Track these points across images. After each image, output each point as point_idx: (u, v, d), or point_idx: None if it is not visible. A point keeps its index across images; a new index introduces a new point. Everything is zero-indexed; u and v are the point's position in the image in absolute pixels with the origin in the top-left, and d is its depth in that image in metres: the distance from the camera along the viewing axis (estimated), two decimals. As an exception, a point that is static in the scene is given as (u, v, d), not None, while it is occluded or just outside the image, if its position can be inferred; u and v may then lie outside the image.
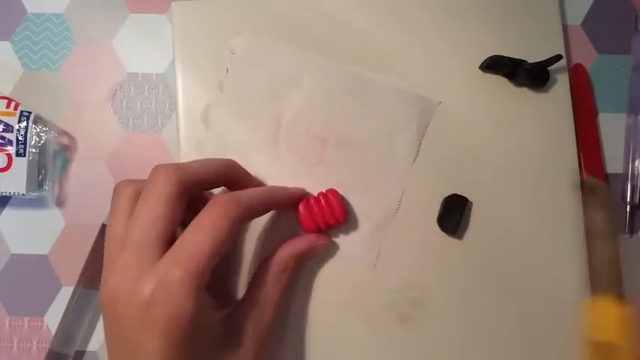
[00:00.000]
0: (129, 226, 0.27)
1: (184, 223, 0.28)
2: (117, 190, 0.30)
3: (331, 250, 0.35)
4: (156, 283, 0.25)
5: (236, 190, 0.33)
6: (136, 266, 0.26)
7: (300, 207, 0.33)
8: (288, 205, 0.33)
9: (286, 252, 0.32)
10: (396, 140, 0.36)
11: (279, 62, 0.37)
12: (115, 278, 0.26)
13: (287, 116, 0.36)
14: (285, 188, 0.34)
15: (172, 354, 0.25)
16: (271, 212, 0.35)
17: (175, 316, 0.25)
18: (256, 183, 0.35)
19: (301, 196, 0.34)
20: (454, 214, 0.35)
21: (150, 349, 0.25)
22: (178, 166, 0.28)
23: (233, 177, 0.32)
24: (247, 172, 0.33)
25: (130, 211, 0.28)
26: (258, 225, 0.35)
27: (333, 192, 0.33)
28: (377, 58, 0.37)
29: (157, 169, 0.28)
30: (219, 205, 0.28)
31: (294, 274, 0.33)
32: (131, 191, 0.29)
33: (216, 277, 0.32)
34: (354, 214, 0.35)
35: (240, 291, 0.35)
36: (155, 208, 0.27)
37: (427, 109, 0.37)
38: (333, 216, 0.33)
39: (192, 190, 0.29)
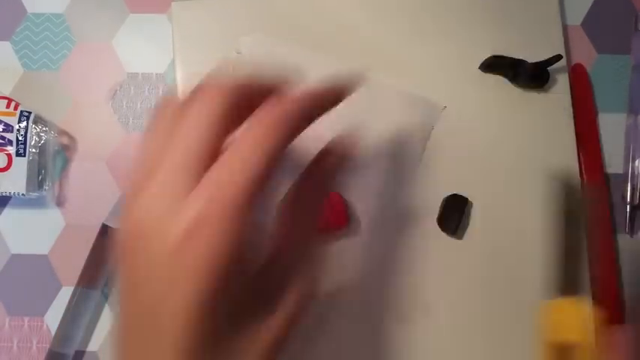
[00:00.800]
0: (168, 146, 0.22)
1: None
2: (158, 107, 0.24)
3: (333, 254, 0.35)
4: (193, 216, 0.20)
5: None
6: (170, 193, 0.21)
7: None
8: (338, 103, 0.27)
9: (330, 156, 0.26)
10: (401, 144, 0.36)
11: (285, 62, 0.37)
12: (139, 210, 0.21)
13: None
14: (334, 85, 0.27)
15: (204, 305, 0.20)
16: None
17: (216, 257, 0.20)
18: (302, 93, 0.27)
19: (356, 86, 0.27)
20: (454, 214, 0.35)
21: (177, 297, 0.20)
22: (230, 81, 0.23)
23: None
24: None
25: (169, 129, 0.22)
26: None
27: (336, 196, 0.33)
28: (377, 58, 0.37)
29: (205, 84, 0.24)
30: (264, 120, 0.22)
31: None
32: (174, 109, 0.23)
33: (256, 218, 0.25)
34: (357, 218, 0.35)
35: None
36: (201, 128, 0.22)
37: (432, 113, 0.36)
38: (335, 220, 0.33)
39: (248, 105, 0.23)
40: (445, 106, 0.37)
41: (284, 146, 0.22)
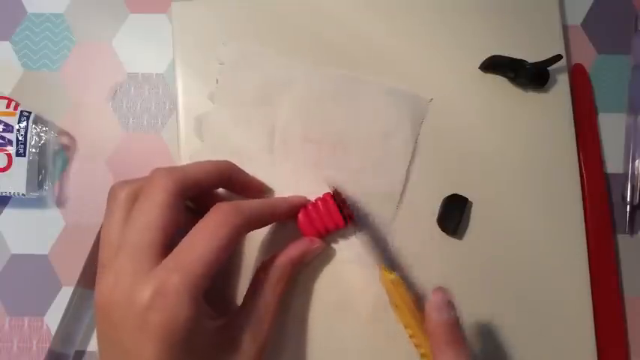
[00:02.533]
0: (125, 229, 0.27)
1: (188, 228, 0.28)
2: (112, 192, 0.29)
3: (331, 254, 0.35)
4: (154, 289, 0.25)
5: (235, 192, 0.32)
6: (132, 270, 0.26)
7: (300, 214, 0.33)
8: (289, 217, 0.33)
9: (282, 259, 0.32)
10: (391, 141, 0.36)
11: (268, 69, 0.37)
12: (109, 282, 0.26)
13: (280, 123, 0.36)
14: (284, 199, 0.33)
15: (167, 359, 0.25)
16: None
17: (172, 322, 0.25)
18: (256, 183, 0.35)
19: (301, 205, 0.33)
20: (454, 214, 0.35)
21: (145, 354, 0.25)
22: (175, 169, 0.28)
23: (232, 178, 0.32)
24: (246, 173, 0.33)
25: (125, 214, 0.28)
26: (258, 234, 0.35)
27: (331, 196, 0.33)
28: (377, 58, 0.37)
29: (154, 172, 0.28)
30: (221, 212, 0.27)
31: (291, 280, 0.33)
32: (127, 193, 0.29)
33: (215, 286, 0.32)
34: (356, 218, 0.35)
35: (238, 300, 0.34)
36: (152, 212, 0.27)
37: (418, 107, 0.36)
38: (333, 220, 0.33)
39: (190, 193, 0.29)
40: (432, 99, 0.37)
41: (234, 241, 0.27)
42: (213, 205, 0.28)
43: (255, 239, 0.35)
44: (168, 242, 0.27)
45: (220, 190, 0.34)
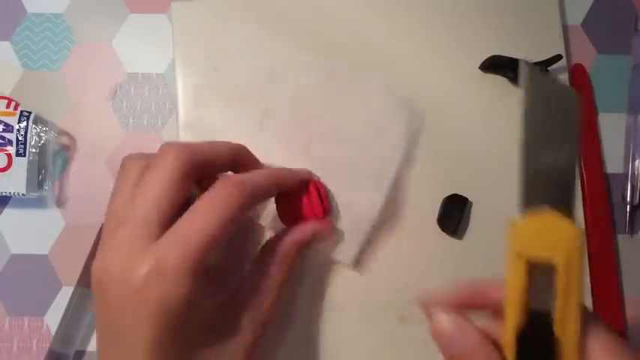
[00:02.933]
0: (131, 203, 0.26)
1: (189, 204, 0.27)
2: (124, 164, 0.28)
3: (313, 248, 0.34)
4: (151, 265, 0.24)
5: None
6: (133, 244, 0.25)
7: (276, 201, 0.32)
8: (294, 188, 0.32)
9: (289, 239, 0.31)
10: (381, 141, 0.35)
11: (272, 52, 0.37)
12: (108, 254, 0.25)
13: (275, 105, 0.36)
14: (290, 172, 0.32)
15: (163, 339, 0.24)
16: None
17: (168, 300, 0.24)
18: (264, 169, 0.33)
19: (307, 178, 0.33)
20: (454, 214, 0.35)
21: (140, 332, 0.24)
22: (188, 146, 0.27)
23: (242, 161, 0.31)
24: (256, 158, 0.32)
25: (134, 188, 0.27)
26: (264, 210, 0.34)
27: (315, 186, 0.32)
28: (377, 57, 0.37)
29: (167, 146, 0.27)
30: (225, 187, 0.26)
31: (295, 260, 0.32)
32: (138, 167, 0.28)
33: (218, 262, 0.31)
34: (336, 210, 0.34)
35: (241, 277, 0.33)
36: (160, 187, 0.26)
37: (416, 115, 0.36)
38: (312, 211, 0.32)
39: (201, 172, 0.28)
40: (425, 112, 0.36)
41: (238, 216, 0.26)
42: (218, 179, 0.27)
43: (263, 216, 0.34)
44: (171, 219, 0.26)
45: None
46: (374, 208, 0.34)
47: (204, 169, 0.28)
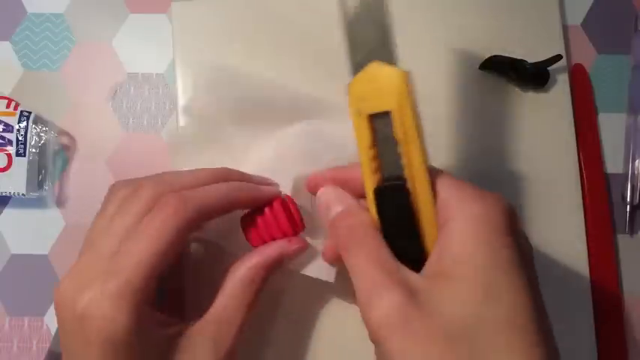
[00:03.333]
0: (107, 232, 0.26)
1: None
2: (112, 188, 0.28)
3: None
4: (91, 295, 0.24)
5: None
6: (88, 271, 0.25)
7: (241, 222, 0.30)
8: (253, 206, 0.29)
9: (254, 260, 0.28)
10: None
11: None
12: (65, 279, 0.25)
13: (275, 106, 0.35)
14: (254, 187, 0.29)
15: None
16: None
17: (108, 332, 0.23)
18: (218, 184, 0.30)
19: (274, 194, 0.30)
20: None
21: (87, 358, 0.24)
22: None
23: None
24: (243, 174, 0.30)
25: (115, 214, 0.27)
26: (228, 231, 0.31)
27: (281, 202, 0.29)
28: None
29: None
30: (165, 206, 0.25)
31: (264, 284, 0.29)
32: (125, 194, 0.27)
33: (171, 289, 0.29)
34: (309, 222, 0.31)
35: (203, 304, 0.29)
36: (152, 242, 0.25)
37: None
38: (280, 230, 0.29)
39: (198, 224, 0.26)
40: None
41: (181, 238, 0.25)
42: (160, 198, 0.26)
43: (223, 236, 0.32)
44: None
45: None
46: None
47: (204, 219, 0.27)
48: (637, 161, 0.37)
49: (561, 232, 0.35)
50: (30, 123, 0.37)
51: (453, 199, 0.24)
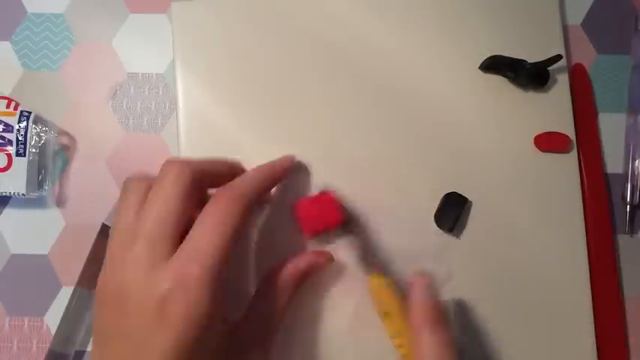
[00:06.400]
0: (140, 219, 0.27)
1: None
2: (127, 185, 0.29)
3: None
4: (173, 279, 0.24)
5: None
6: (150, 259, 0.25)
7: (300, 210, 0.33)
8: (281, 179, 0.33)
9: (289, 271, 0.32)
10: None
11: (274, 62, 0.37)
12: (124, 270, 0.26)
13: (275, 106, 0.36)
14: (273, 165, 0.33)
15: (179, 354, 0.24)
16: (272, 221, 0.35)
17: (192, 314, 0.24)
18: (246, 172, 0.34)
19: (290, 165, 0.34)
20: (452, 211, 0.35)
21: (159, 346, 0.24)
22: (189, 162, 0.28)
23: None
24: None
25: (140, 206, 0.27)
26: (261, 238, 0.35)
27: (325, 194, 0.33)
28: (377, 58, 0.37)
29: (170, 163, 0.28)
30: (224, 199, 0.27)
31: (297, 291, 0.32)
32: (142, 188, 0.28)
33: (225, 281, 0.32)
34: (354, 217, 0.35)
35: (243, 300, 0.33)
36: (168, 203, 0.26)
37: None
38: (327, 220, 0.33)
39: (204, 186, 0.29)
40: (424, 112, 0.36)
41: (243, 225, 0.27)
42: (213, 194, 0.28)
43: (260, 237, 0.35)
44: (181, 234, 0.27)
45: None
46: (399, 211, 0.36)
47: (206, 184, 0.29)
48: (637, 161, 0.37)
49: (561, 232, 0.35)
50: (30, 123, 0.37)
51: None
